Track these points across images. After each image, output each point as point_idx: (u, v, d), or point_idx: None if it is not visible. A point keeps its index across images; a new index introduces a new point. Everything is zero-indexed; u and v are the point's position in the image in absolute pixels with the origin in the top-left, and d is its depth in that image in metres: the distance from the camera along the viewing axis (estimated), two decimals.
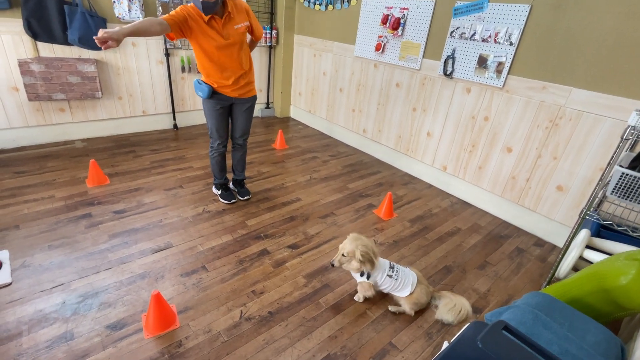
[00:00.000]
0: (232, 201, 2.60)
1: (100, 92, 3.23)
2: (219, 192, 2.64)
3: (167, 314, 1.58)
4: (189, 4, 2.01)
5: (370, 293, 1.80)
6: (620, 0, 1.98)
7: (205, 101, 2.26)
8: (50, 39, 2.90)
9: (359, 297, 1.86)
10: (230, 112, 2.39)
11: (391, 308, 1.83)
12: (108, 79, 3.36)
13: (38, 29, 2.82)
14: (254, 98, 2.40)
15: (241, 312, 1.71)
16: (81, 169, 2.86)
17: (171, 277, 1.87)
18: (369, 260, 1.69)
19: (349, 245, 1.70)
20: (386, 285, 1.77)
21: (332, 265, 1.75)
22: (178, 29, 1.95)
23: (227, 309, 1.72)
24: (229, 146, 2.56)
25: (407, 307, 1.78)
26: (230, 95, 2.26)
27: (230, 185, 2.76)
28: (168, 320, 1.58)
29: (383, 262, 1.79)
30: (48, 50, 2.99)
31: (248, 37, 2.27)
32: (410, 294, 1.75)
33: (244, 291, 1.84)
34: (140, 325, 1.58)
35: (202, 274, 1.92)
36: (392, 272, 1.77)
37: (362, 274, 1.75)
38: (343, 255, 1.71)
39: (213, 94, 2.22)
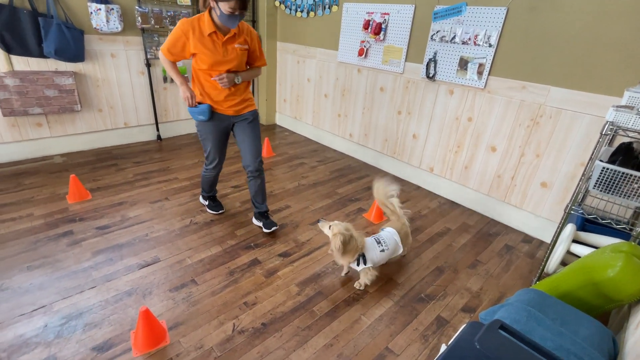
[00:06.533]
0: (220, 212, 2.55)
1: (79, 105, 3.15)
2: (207, 203, 2.59)
3: (157, 330, 1.53)
4: (191, 17, 1.89)
5: (373, 274, 1.90)
6: (591, 0, 2.05)
7: (202, 123, 2.10)
8: (25, 52, 2.81)
9: (360, 284, 1.94)
10: (232, 135, 2.22)
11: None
12: (87, 92, 3.28)
13: (11, 43, 2.73)
14: (254, 112, 2.21)
15: (234, 325, 1.66)
16: (61, 184, 2.76)
17: (160, 293, 1.81)
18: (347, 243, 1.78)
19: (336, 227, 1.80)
20: (385, 259, 1.90)
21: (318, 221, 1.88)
22: (179, 58, 1.98)
23: (219, 323, 1.67)
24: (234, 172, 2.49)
25: (404, 252, 2.09)
26: (227, 114, 2.11)
27: (253, 220, 2.47)
28: (158, 337, 1.53)
29: (370, 241, 1.89)
30: (23, 63, 2.89)
31: None
32: (404, 244, 1.98)
33: (236, 303, 1.79)
34: (129, 345, 1.52)
35: (192, 287, 1.87)
36: (382, 245, 1.89)
37: (358, 263, 1.84)
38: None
39: (212, 114, 2.08)
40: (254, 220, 2.47)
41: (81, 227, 2.27)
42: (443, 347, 1.61)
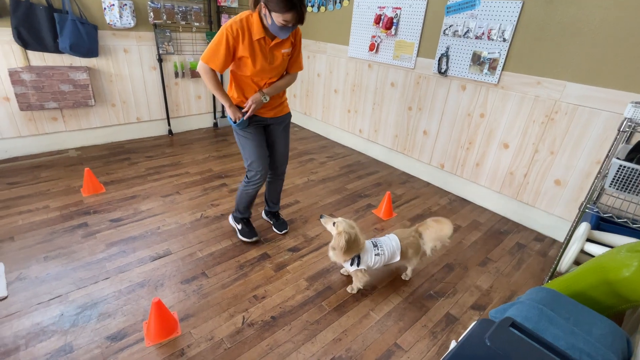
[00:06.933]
0: (254, 239, 2.21)
1: (93, 100, 3.20)
2: (240, 227, 2.25)
3: (169, 321, 1.56)
4: (236, 20, 1.67)
5: (365, 280, 1.83)
6: None
7: (240, 129, 1.95)
8: (41, 47, 2.86)
9: (352, 289, 1.90)
10: (266, 137, 2.07)
11: (404, 276, 2.03)
12: (101, 87, 3.33)
13: (28, 38, 2.78)
14: (290, 115, 2.10)
15: (243, 318, 1.69)
16: (76, 178, 2.82)
17: (171, 285, 1.85)
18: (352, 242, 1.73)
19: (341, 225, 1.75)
20: (378, 264, 1.83)
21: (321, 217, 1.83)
22: (225, 68, 1.75)
23: (229, 315, 1.69)
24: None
25: (412, 265, 1.98)
26: (265, 116, 1.96)
27: (263, 215, 2.47)
28: (170, 328, 1.56)
29: (368, 244, 1.84)
30: (39, 59, 2.95)
31: None
32: (404, 254, 1.86)
33: (246, 296, 1.81)
34: (141, 335, 1.55)
35: (203, 280, 1.90)
36: (378, 249, 1.83)
37: (352, 262, 1.78)
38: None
39: (250, 118, 1.92)
40: (264, 216, 2.48)
41: (95, 220, 2.32)
42: (453, 344, 1.60)
